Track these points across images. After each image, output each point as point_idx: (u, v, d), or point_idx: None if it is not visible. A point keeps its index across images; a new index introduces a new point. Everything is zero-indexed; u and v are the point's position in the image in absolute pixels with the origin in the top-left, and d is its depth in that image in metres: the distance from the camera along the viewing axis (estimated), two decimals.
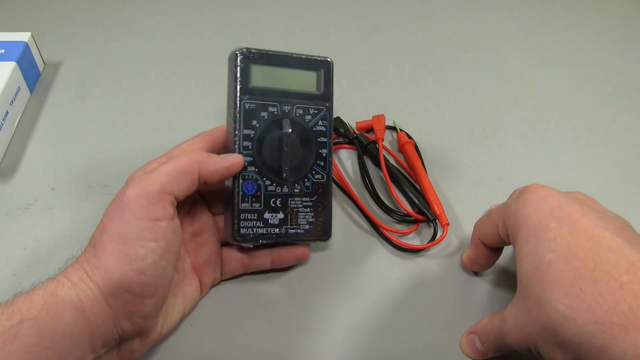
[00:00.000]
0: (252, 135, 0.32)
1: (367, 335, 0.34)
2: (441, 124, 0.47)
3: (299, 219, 0.32)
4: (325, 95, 0.35)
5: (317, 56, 0.35)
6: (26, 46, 0.48)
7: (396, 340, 0.33)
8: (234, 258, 0.35)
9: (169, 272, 0.28)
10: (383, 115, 0.46)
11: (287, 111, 0.33)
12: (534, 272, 0.26)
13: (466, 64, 0.53)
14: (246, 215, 0.31)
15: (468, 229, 0.39)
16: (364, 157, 0.43)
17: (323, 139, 0.34)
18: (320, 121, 0.34)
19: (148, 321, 0.28)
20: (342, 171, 0.42)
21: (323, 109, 0.34)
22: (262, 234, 0.32)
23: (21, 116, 0.47)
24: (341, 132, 0.45)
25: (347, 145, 0.45)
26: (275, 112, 0.33)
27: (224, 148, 0.33)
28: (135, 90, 0.50)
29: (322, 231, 0.34)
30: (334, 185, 0.42)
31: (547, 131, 0.47)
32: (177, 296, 0.32)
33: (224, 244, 0.35)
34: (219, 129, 0.34)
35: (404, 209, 0.39)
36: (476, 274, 0.37)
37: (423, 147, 0.45)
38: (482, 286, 0.36)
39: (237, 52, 0.32)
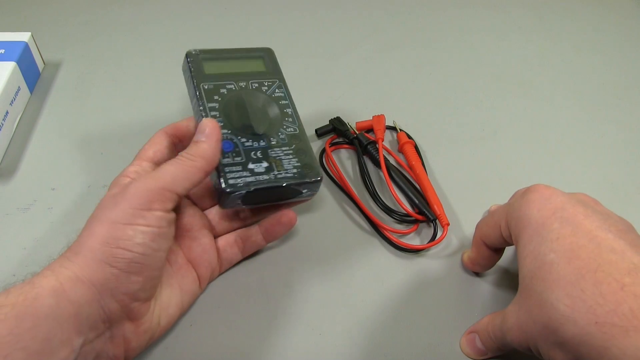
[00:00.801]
0: (217, 107, 0.34)
1: (367, 335, 0.34)
2: (441, 124, 0.47)
3: (285, 165, 0.33)
4: (274, 72, 0.38)
5: (259, 47, 0.39)
6: (26, 46, 0.48)
7: (396, 340, 0.33)
8: (229, 244, 0.35)
9: (160, 257, 0.28)
10: (383, 115, 0.46)
11: (243, 86, 0.36)
12: (536, 271, 0.26)
13: (466, 64, 0.53)
14: (231, 168, 0.32)
15: (468, 229, 0.40)
16: (364, 157, 0.43)
17: (284, 102, 0.36)
18: (276, 89, 0.37)
19: (135, 302, 0.28)
20: (342, 171, 0.42)
21: (276, 80, 0.37)
22: (251, 182, 0.31)
23: (21, 116, 0.47)
24: (341, 132, 0.45)
25: (347, 145, 0.45)
26: (233, 88, 0.36)
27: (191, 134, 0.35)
28: (135, 90, 0.50)
29: (311, 172, 0.33)
30: (334, 185, 0.42)
31: (546, 131, 0.47)
32: (172, 288, 0.32)
33: (217, 235, 0.35)
34: (174, 123, 0.35)
35: (404, 209, 0.39)
36: (477, 274, 0.37)
37: (423, 147, 0.45)
38: (483, 286, 0.36)
39: (186, 54, 0.37)
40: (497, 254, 0.34)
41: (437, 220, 0.39)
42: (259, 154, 0.33)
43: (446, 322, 0.34)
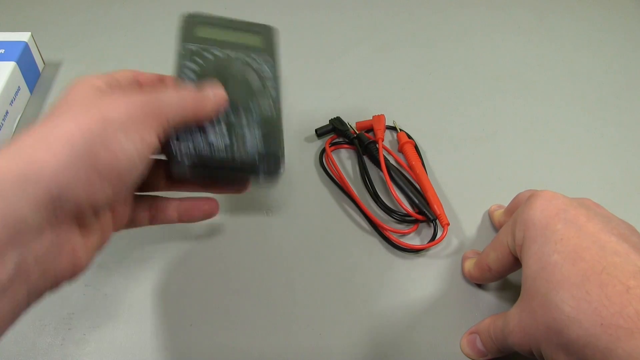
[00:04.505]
0: (196, 69, 0.32)
1: (367, 335, 0.34)
2: (441, 124, 0.47)
3: (247, 145, 0.30)
4: (269, 50, 0.35)
5: (261, 23, 0.37)
6: (26, 46, 0.48)
7: (396, 340, 0.33)
8: (142, 207, 0.31)
9: (134, 180, 0.25)
10: (383, 115, 0.46)
11: (231, 55, 0.34)
12: (540, 272, 0.26)
13: (466, 64, 0.53)
14: (191, 135, 0.29)
15: (468, 229, 0.40)
16: (364, 157, 0.43)
17: (270, 82, 0.33)
18: (265, 66, 0.34)
19: (93, 211, 0.24)
20: (342, 171, 0.42)
21: (268, 59, 0.35)
22: (205, 156, 0.29)
23: (21, 116, 0.47)
24: (341, 132, 0.44)
25: (347, 145, 0.45)
26: (220, 55, 0.33)
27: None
28: None
29: (273, 163, 0.30)
30: (334, 185, 0.42)
31: (546, 131, 0.47)
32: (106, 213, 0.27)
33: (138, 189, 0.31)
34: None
35: (404, 209, 0.39)
36: None
37: (423, 147, 0.45)
38: (484, 286, 0.36)
39: (183, 15, 0.35)
40: (499, 277, 0.34)
41: (437, 220, 0.39)
42: (224, 129, 0.30)
43: (446, 322, 0.34)
